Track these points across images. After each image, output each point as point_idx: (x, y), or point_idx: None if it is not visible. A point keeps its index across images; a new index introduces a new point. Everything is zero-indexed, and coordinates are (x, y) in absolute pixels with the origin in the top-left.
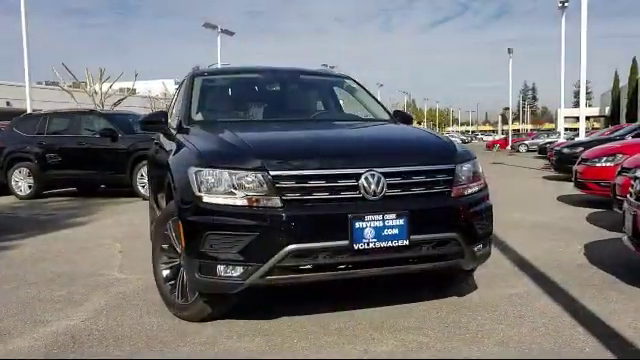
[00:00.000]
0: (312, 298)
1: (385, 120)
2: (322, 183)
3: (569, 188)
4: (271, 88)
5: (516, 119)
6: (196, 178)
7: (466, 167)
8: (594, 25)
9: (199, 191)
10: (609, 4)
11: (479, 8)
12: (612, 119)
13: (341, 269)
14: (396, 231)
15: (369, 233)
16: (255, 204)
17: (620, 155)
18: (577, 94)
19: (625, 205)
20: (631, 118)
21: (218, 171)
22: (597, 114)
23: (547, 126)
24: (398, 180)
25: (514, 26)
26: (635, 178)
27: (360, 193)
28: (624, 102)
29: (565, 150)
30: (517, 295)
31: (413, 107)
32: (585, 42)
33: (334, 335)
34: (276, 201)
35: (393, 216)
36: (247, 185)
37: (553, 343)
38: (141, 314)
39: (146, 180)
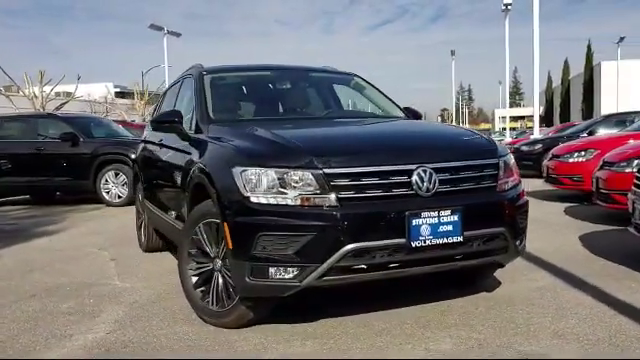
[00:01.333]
0: (341, 299)
1: (400, 117)
2: (375, 180)
3: (535, 184)
4: (284, 86)
5: (455, 119)
6: (243, 178)
7: (506, 161)
8: (525, 28)
9: (247, 191)
10: (541, 8)
11: (418, 11)
12: (546, 118)
13: (393, 268)
14: (450, 227)
15: (425, 230)
16: (310, 203)
17: (592, 150)
18: (512, 95)
19: (630, 196)
20: (564, 117)
21: (268, 170)
22: (531, 114)
23: (483, 126)
24: (448, 176)
25: (450, 29)
26: None
27: (413, 190)
28: (557, 102)
29: (524, 148)
30: (544, 288)
31: None
32: (538, 44)
33: (386, 335)
34: (332, 199)
35: (448, 212)
36: (300, 184)
37: (607, 333)
38: (169, 323)
39: (110, 186)
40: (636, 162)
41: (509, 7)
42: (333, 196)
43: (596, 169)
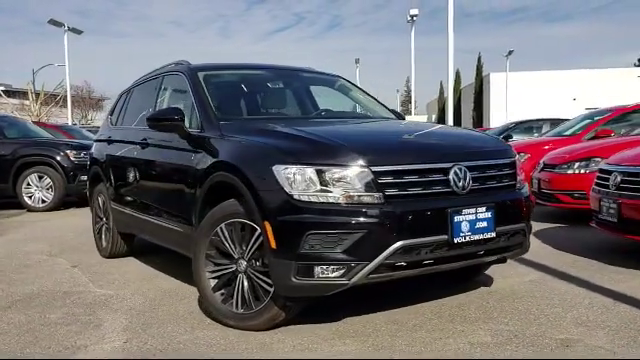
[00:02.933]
0: (350, 297)
1: (392, 117)
2: (416, 178)
3: None
4: (278, 85)
5: None
6: (286, 176)
7: (517, 161)
8: (420, 40)
9: (292, 190)
10: (432, 21)
11: (314, 19)
12: None
13: (430, 264)
14: (485, 224)
15: (465, 226)
16: (358, 201)
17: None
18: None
19: (594, 195)
20: (456, 124)
21: (314, 168)
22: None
23: None
24: (478, 174)
25: (345, 38)
26: (609, 172)
27: (450, 187)
28: (449, 110)
29: None
30: (536, 281)
31: None
32: (452, 52)
33: (421, 330)
34: (379, 197)
35: (484, 209)
36: (348, 181)
37: (620, 321)
38: (187, 328)
39: (33, 190)
40: (577, 164)
41: (414, 18)
42: (380, 194)
43: (535, 171)
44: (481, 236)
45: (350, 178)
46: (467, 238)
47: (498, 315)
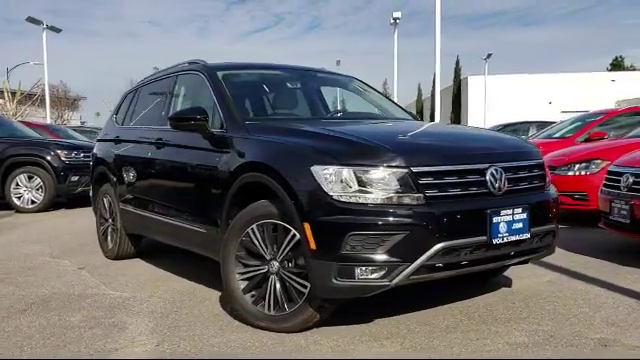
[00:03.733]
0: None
1: (411, 118)
2: (454, 179)
3: None
4: (297, 85)
5: None
6: (327, 177)
7: (544, 162)
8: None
9: (333, 190)
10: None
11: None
12: None
13: (465, 265)
14: (521, 225)
15: (503, 227)
16: (400, 201)
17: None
18: None
19: (604, 196)
20: None
21: (355, 168)
22: None
23: None
24: (512, 175)
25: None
26: (620, 173)
27: (487, 188)
28: (427, 113)
29: None
30: (554, 282)
31: None
32: (439, 54)
33: (455, 332)
34: (420, 198)
35: (520, 210)
36: (389, 182)
37: None
38: (216, 331)
39: (22, 190)
40: (577, 166)
41: (397, 21)
42: (421, 195)
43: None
44: (517, 237)
45: (391, 179)
46: (504, 239)
47: (527, 316)
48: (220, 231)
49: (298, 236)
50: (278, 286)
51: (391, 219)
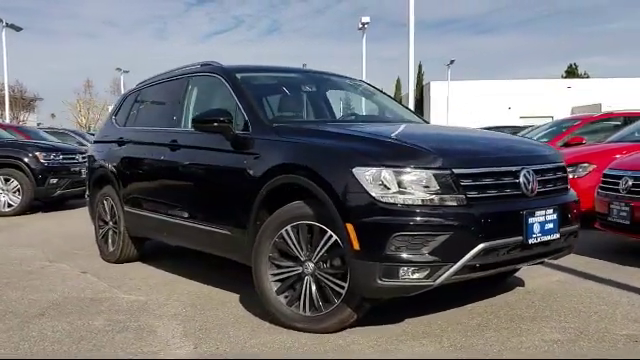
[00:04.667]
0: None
1: (425, 121)
2: (491, 181)
3: None
4: (313, 89)
5: None
6: (368, 178)
7: (565, 165)
8: (357, 48)
9: (376, 191)
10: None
11: (253, 23)
12: None
13: (499, 265)
14: (552, 225)
15: (537, 228)
16: (443, 202)
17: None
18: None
19: (601, 198)
20: None
21: (397, 170)
22: None
23: None
24: (541, 177)
25: (286, 42)
26: (618, 176)
27: (520, 190)
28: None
29: None
30: (565, 282)
31: None
32: (412, 58)
33: (487, 330)
34: (462, 199)
35: (551, 211)
36: (432, 184)
37: None
38: (250, 333)
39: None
40: (570, 169)
41: (366, 25)
42: (463, 196)
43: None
44: (549, 237)
45: (435, 180)
46: (538, 239)
47: (551, 314)
48: (247, 233)
49: (335, 237)
50: (314, 287)
51: (435, 220)
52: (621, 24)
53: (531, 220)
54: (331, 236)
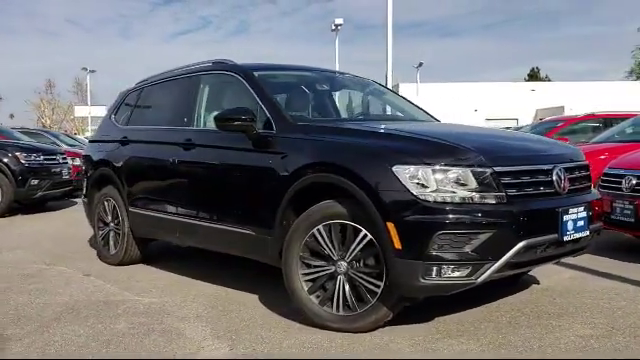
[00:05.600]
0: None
1: (438, 120)
2: (528, 179)
3: None
4: (327, 87)
5: None
6: (410, 177)
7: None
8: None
9: (418, 190)
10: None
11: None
12: None
13: (534, 262)
14: (582, 223)
15: (570, 225)
16: (485, 200)
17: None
18: None
19: (603, 196)
20: None
21: (439, 168)
22: None
23: None
24: (570, 175)
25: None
26: (620, 175)
27: (553, 188)
28: None
29: None
30: (577, 278)
31: None
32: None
33: (520, 327)
34: (503, 197)
35: (582, 209)
36: (473, 182)
37: None
38: (283, 334)
39: None
40: None
41: (339, 27)
42: (503, 194)
43: None
44: (580, 234)
45: (477, 178)
46: (571, 236)
47: (575, 310)
48: (273, 232)
49: (369, 236)
50: (347, 286)
51: (478, 218)
52: (580, 30)
53: (566, 218)
54: (365, 235)
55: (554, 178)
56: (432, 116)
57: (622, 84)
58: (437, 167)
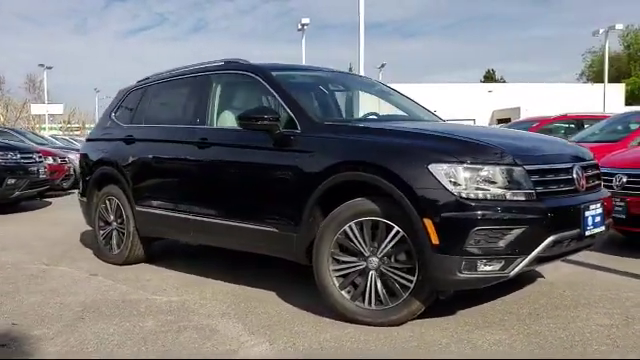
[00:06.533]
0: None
1: (441, 119)
2: (552, 177)
3: None
4: (341, 87)
5: None
6: (446, 175)
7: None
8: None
9: (454, 187)
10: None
11: (177, 21)
12: None
13: (557, 256)
14: (599, 219)
15: (590, 221)
16: (517, 197)
17: None
18: None
19: None
20: None
21: (475, 166)
22: None
23: None
24: (586, 173)
25: (212, 41)
26: (611, 174)
27: (574, 185)
28: None
29: None
30: (578, 273)
31: None
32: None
33: (542, 318)
34: (533, 194)
35: (598, 205)
36: (507, 179)
37: None
38: (317, 329)
39: None
40: None
41: (305, 27)
42: (533, 191)
43: None
44: (598, 230)
45: (509, 176)
46: (591, 231)
47: (588, 302)
48: (299, 230)
49: (402, 232)
50: (379, 281)
51: (512, 214)
52: (533, 32)
53: (587, 213)
54: (398, 232)
55: (574, 176)
56: (438, 116)
57: (575, 86)
58: (472, 165)
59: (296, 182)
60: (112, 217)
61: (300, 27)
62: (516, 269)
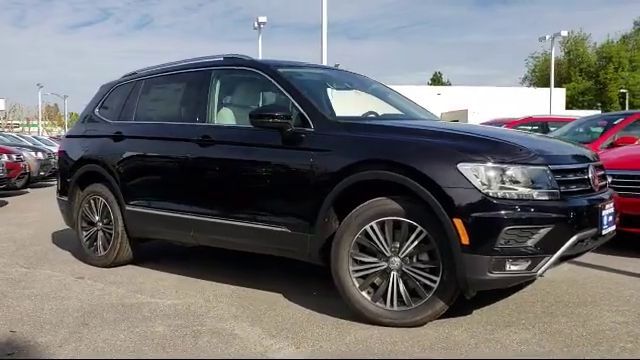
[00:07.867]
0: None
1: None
2: (572, 176)
3: None
4: (347, 85)
5: None
6: (476, 174)
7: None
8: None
9: (484, 187)
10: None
11: (121, 17)
12: None
13: (576, 255)
14: (611, 218)
15: (605, 220)
16: (544, 197)
17: None
18: None
19: None
20: None
21: (504, 166)
22: None
23: None
24: (597, 173)
25: (157, 38)
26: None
27: (589, 185)
28: None
29: None
30: (577, 271)
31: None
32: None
33: (557, 316)
34: (558, 194)
35: (611, 204)
36: (534, 179)
37: None
38: (339, 331)
39: None
40: None
41: (262, 25)
42: (558, 190)
43: None
44: (611, 228)
45: (536, 176)
46: (606, 230)
47: (593, 300)
48: (314, 230)
49: (425, 232)
50: (401, 282)
51: (540, 214)
52: (478, 37)
53: (603, 213)
54: (421, 232)
55: (590, 176)
56: (434, 115)
57: (519, 89)
58: (500, 165)
59: (310, 181)
60: (97, 217)
61: (256, 26)
62: (543, 268)
